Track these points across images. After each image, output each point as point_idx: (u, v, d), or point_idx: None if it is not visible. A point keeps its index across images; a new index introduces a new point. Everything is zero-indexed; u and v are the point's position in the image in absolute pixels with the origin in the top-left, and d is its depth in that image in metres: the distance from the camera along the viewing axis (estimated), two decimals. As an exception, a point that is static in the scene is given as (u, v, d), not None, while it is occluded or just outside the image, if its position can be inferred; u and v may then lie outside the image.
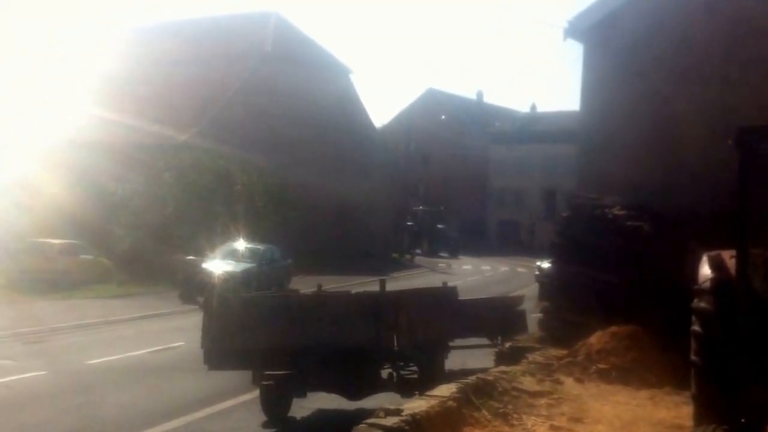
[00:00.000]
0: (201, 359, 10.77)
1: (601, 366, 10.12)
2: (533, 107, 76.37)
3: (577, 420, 8.16)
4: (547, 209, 57.86)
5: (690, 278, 7.01)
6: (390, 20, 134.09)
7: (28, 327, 18.64)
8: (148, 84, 38.18)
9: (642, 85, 13.68)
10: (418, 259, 48.25)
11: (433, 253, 53.76)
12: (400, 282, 25.08)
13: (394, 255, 47.91)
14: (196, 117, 36.19)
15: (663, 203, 12.61)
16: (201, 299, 16.97)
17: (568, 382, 9.78)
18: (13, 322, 19.07)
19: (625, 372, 9.94)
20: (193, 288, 24.41)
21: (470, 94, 76.58)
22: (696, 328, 6.62)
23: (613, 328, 10.61)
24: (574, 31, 14.50)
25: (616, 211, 12.46)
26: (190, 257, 26.70)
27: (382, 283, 11.30)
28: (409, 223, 54.30)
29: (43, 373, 13.73)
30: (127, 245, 30.54)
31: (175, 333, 17.96)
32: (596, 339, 10.60)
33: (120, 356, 15.52)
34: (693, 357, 6.65)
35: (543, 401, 8.77)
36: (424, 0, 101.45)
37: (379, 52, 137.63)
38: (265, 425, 10.74)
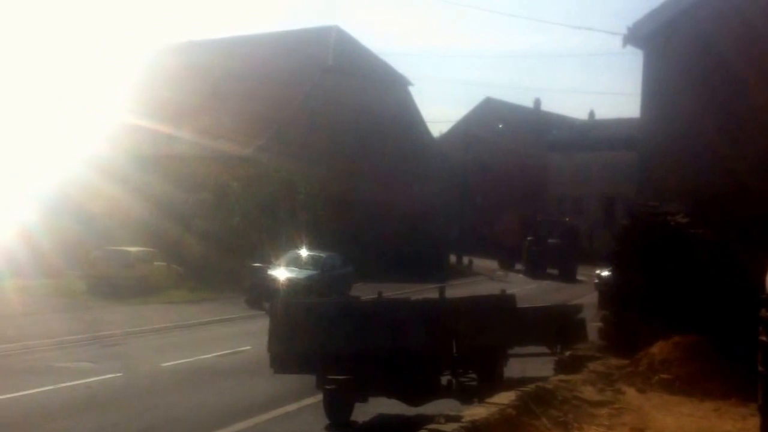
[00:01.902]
0: (267, 363, 11.11)
1: (664, 376, 9.95)
2: (591, 114, 75.38)
3: (639, 431, 8.07)
4: (606, 217, 57.03)
5: (756, 287, 6.94)
6: (447, 31, 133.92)
7: (106, 331, 19.40)
8: (214, 99, 39.02)
9: (704, 91, 13.52)
10: (476, 267, 48.01)
11: (536, 270, 43.34)
12: (458, 289, 25.14)
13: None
14: (261, 130, 36.88)
15: (726, 211, 12.45)
16: (266, 305, 17.45)
17: (630, 392, 9.63)
18: (92, 326, 19.87)
19: (689, 383, 9.76)
20: (259, 294, 24.99)
21: (528, 103, 75.98)
22: (763, 338, 6.51)
23: (677, 338, 10.42)
24: (633, 37, 14.42)
25: (679, 218, 12.33)
26: (256, 264, 27.26)
27: (442, 291, 11.46)
28: (529, 238, 45.02)
29: (119, 374, 14.33)
30: (198, 253, 31.40)
31: (243, 337, 18.44)
32: (659, 349, 10.44)
33: (191, 359, 16.06)
34: (760, 367, 6.54)
35: (604, 411, 8.67)
36: (481, 11, 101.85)
37: (436, 62, 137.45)
38: (328, 429, 10.98)
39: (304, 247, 29.44)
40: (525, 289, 33.54)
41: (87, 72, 40.56)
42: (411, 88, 47.93)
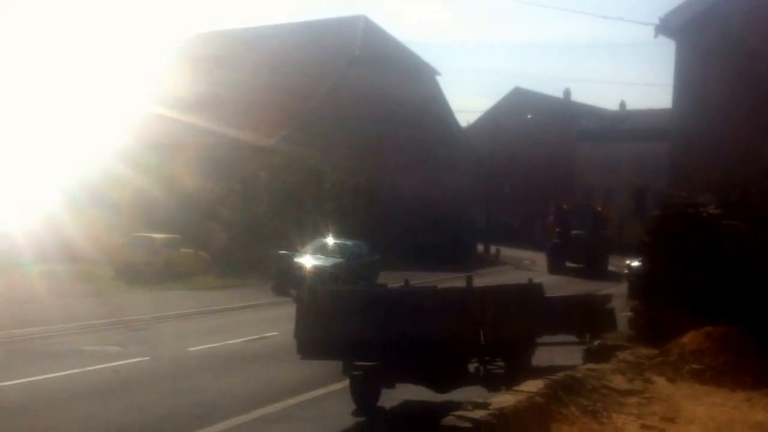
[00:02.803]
0: (294, 349, 11.13)
1: (695, 366, 9.87)
2: (622, 105, 74.73)
3: (670, 420, 8.00)
4: (637, 207, 56.56)
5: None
6: (476, 20, 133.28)
7: (133, 315, 19.51)
8: (241, 88, 39.21)
9: (736, 83, 13.36)
10: (503, 256, 47.85)
11: (553, 265, 38.92)
12: (485, 278, 25.10)
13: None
14: (288, 119, 37.01)
15: (757, 202, 12.30)
16: (293, 292, 17.52)
17: (660, 382, 9.57)
18: (120, 310, 20.01)
19: (720, 373, 9.70)
20: (285, 281, 25.12)
21: (557, 93, 75.44)
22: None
23: (708, 329, 10.36)
24: (665, 28, 14.25)
25: (710, 209, 12.22)
26: (283, 252, 27.38)
27: (469, 279, 11.42)
28: (557, 230, 40.91)
29: (146, 358, 14.45)
30: (225, 240, 31.63)
31: (270, 323, 18.51)
32: (689, 339, 10.38)
33: (218, 344, 16.13)
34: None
35: (633, 400, 8.62)
36: (511, 1, 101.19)
37: (465, 52, 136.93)
38: (354, 414, 11.02)
39: (330, 235, 29.55)
40: (552, 278, 33.43)
41: (113, 62, 40.89)
42: (439, 78, 47.86)
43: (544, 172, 66.05)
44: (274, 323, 18.01)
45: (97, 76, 37.91)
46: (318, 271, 25.97)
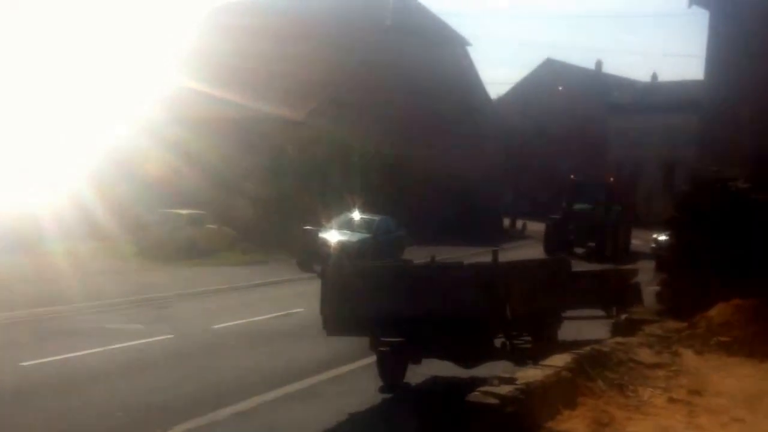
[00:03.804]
0: (320, 325, 11.13)
1: (723, 338, 9.83)
2: (654, 76, 73.59)
3: (697, 392, 7.96)
4: (666, 181, 55.87)
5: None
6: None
7: (157, 293, 19.44)
8: (269, 60, 38.97)
9: (769, 55, 13.09)
10: (529, 231, 47.52)
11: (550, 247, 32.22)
12: (510, 253, 24.95)
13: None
14: (316, 92, 36.75)
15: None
16: (318, 267, 17.53)
17: (688, 355, 9.53)
18: (144, 288, 19.99)
19: (749, 345, 9.63)
20: (311, 256, 25.13)
21: (589, 65, 74.40)
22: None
23: (736, 301, 10.31)
24: (699, -3, 14.01)
25: (739, 183, 12.04)
26: (308, 227, 27.34)
27: (495, 254, 11.35)
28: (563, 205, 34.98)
29: (170, 336, 14.42)
30: (250, 216, 31.63)
31: (296, 299, 18.47)
32: (717, 311, 10.32)
33: (243, 321, 16.15)
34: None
35: (661, 373, 8.60)
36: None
37: (497, 22, 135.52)
38: (381, 390, 11.05)
39: (356, 210, 29.49)
40: (578, 252, 32.94)
41: (140, 34, 40.62)
42: (469, 49, 47.33)
43: (575, 145, 65.47)
44: (299, 299, 17.98)
45: (124, 49, 37.53)
46: (343, 246, 25.95)
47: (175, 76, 37.08)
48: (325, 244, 26.02)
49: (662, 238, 23.98)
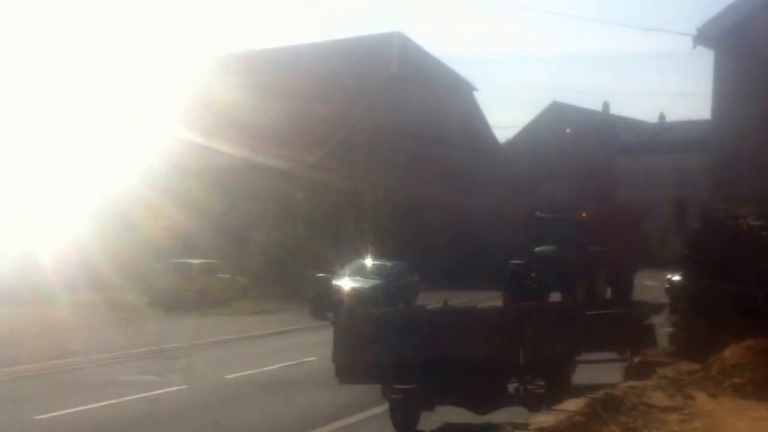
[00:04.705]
0: (333, 373, 11.10)
1: (736, 380, 9.77)
2: (662, 117, 73.84)
3: (710, 436, 7.96)
4: (677, 221, 55.71)
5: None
6: (512, 34, 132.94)
7: (171, 343, 19.43)
8: (275, 110, 39.37)
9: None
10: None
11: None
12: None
13: None
14: (324, 139, 37.10)
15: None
16: (331, 315, 17.49)
17: (701, 398, 9.49)
18: (157, 338, 19.96)
19: (762, 387, 9.58)
20: (324, 304, 25.12)
21: (596, 106, 74.80)
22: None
23: (749, 342, 10.25)
24: (703, 37, 14.14)
25: (751, 221, 12.04)
26: (321, 274, 27.39)
27: (506, 298, 11.35)
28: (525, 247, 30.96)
29: (184, 387, 14.40)
30: (261, 264, 31.68)
31: (308, 348, 18.39)
32: (730, 353, 10.25)
33: (256, 371, 16.09)
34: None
35: (674, 417, 8.57)
36: (547, 14, 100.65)
37: (502, 67, 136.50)
38: (394, 438, 10.97)
39: (368, 256, 29.53)
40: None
41: (143, 85, 40.40)
42: (476, 94, 47.75)
43: (584, 186, 65.51)
44: (312, 348, 17.88)
45: (126, 100, 37.62)
46: (356, 293, 25.98)
47: (182, 128, 37.33)
48: (337, 291, 26.03)
49: (676, 278, 23.75)
